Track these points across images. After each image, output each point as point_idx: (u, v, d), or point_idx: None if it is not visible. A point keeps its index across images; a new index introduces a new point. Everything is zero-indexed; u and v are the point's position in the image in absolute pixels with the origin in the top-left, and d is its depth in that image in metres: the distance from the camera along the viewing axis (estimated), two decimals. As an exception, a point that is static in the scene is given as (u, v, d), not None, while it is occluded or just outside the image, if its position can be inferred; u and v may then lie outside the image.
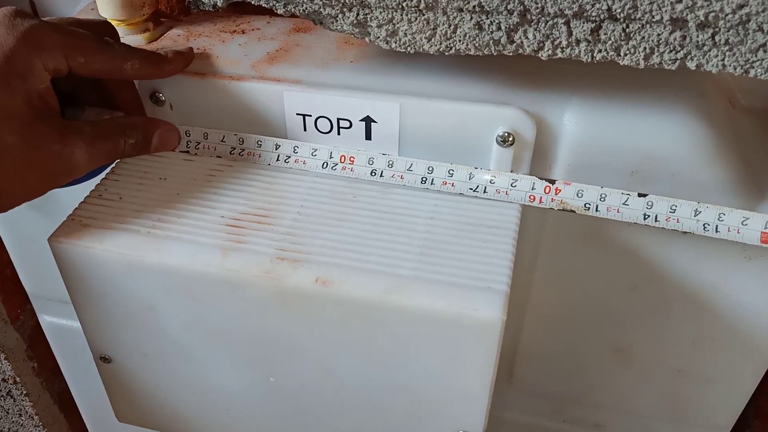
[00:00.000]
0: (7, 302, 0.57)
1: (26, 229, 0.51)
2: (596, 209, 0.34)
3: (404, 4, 0.29)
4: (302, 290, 0.31)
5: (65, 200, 0.40)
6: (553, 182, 0.34)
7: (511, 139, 0.34)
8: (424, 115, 0.35)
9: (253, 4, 0.32)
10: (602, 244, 0.39)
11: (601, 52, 0.29)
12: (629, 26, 0.28)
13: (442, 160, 0.36)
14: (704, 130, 0.33)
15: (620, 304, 0.41)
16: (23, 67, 0.31)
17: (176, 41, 0.41)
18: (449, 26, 0.30)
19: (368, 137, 0.37)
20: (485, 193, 0.35)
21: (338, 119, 0.37)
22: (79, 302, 0.36)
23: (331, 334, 0.32)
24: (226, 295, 0.33)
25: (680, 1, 0.26)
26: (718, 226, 0.32)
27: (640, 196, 0.33)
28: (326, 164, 0.37)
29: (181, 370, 0.37)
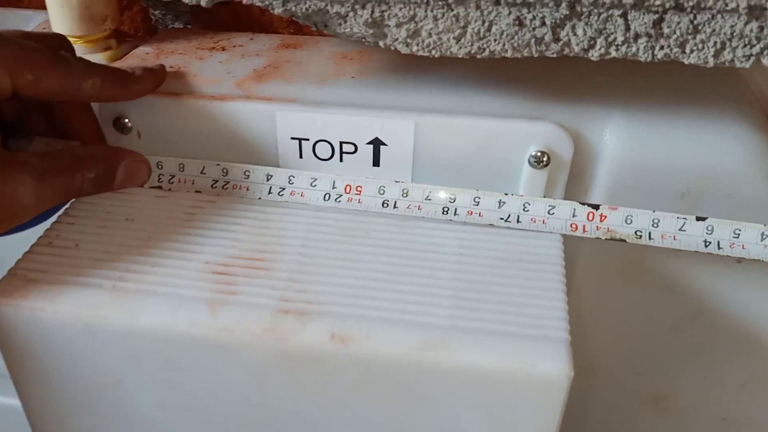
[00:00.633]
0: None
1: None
2: (649, 237, 0.29)
3: (429, -2, 0.25)
4: (314, 350, 0.25)
5: (3, 250, 0.32)
6: (597, 207, 0.30)
7: (546, 159, 0.30)
8: (442, 134, 0.30)
9: (243, 3, 0.26)
10: (643, 278, 0.34)
11: (663, 49, 0.25)
12: (697, 17, 0.24)
13: (463, 186, 0.31)
14: (763, 143, 0.29)
15: (660, 346, 0.37)
16: None
17: (145, 59, 0.35)
18: (483, 23, 0.25)
19: (376, 163, 0.32)
20: (519, 222, 0.30)
21: (341, 143, 0.32)
22: (21, 377, 0.28)
23: (349, 403, 0.26)
24: (215, 361, 0.26)
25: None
26: (790, 251, 0.28)
27: (698, 220, 0.29)
28: (328, 196, 0.32)
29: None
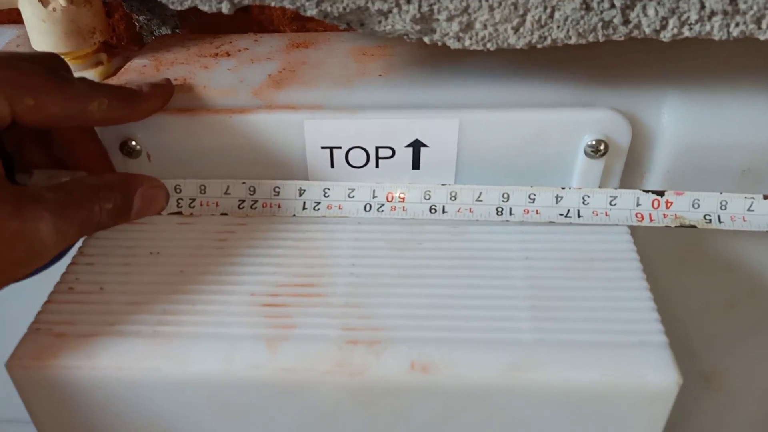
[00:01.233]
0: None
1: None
2: (719, 220, 0.28)
3: (485, -16, 0.22)
4: (394, 383, 0.22)
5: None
6: (661, 194, 0.28)
7: (603, 147, 0.28)
8: (489, 130, 0.28)
9: (273, 6, 0.23)
10: (699, 259, 0.33)
11: (739, 26, 0.23)
12: (777, -12, 0.22)
13: (512, 183, 0.29)
14: (824, 111, 0.28)
15: (715, 325, 0.36)
16: None
17: (143, 73, 0.32)
18: (545, 9, 0.23)
19: (416, 166, 0.29)
20: (580, 217, 0.28)
21: (377, 148, 0.29)
22: (56, 442, 0.25)
23: (433, 434, 0.24)
24: (279, 404, 0.23)
25: None
26: None
27: (765, 198, 0.28)
28: (369, 206, 0.29)
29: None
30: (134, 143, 0.29)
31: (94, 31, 0.32)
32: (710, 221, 0.28)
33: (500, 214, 0.28)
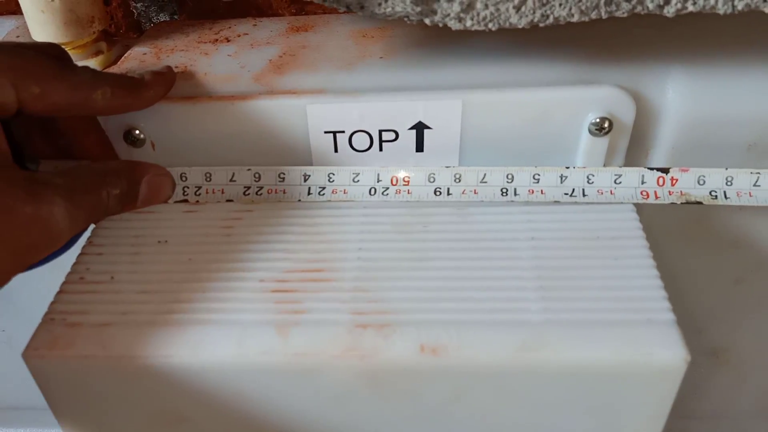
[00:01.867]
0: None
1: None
2: (725, 196, 0.28)
3: (487, -37, 0.22)
4: (404, 366, 0.23)
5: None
6: (666, 171, 0.28)
7: (607, 125, 0.28)
8: (493, 111, 0.28)
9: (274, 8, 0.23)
10: (706, 235, 0.33)
11: (744, -2, 0.22)
12: (783, -41, 0.21)
13: (516, 163, 0.29)
14: (831, 83, 0.28)
15: (722, 300, 0.36)
16: None
17: (144, 61, 0.32)
18: (548, -13, 0.22)
19: (419, 148, 0.29)
20: (585, 196, 0.28)
21: (380, 131, 0.29)
22: (73, 428, 0.26)
23: (443, 415, 0.24)
24: (291, 388, 0.24)
25: None
26: None
27: (771, 172, 0.28)
28: (374, 190, 0.29)
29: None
30: (138, 132, 0.29)
31: (92, 20, 0.32)
32: (716, 197, 0.28)
33: (505, 194, 0.28)
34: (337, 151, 0.30)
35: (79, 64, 0.31)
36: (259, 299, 0.25)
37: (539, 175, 0.28)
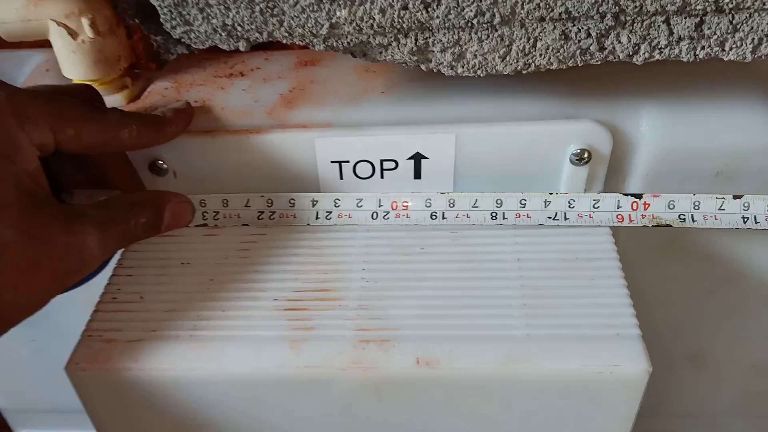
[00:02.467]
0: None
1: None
2: (692, 219, 0.30)
3: (474, 21, 0.25)
4: (401, 377, 0.26)
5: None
6: (639, 197, 0.31)
7: (587, 156, 0.30)
8: (483, 143, 0.31)
9: (285, 43, 0.26)
10: (681, 252, 0.35)
11: (704, 49, 0.25)
12: (736, 17, 0.24)
13: (505, 189, 0.32)
14: (789, 117, 0.31)
15: (697, 310, 0.39)
16: (8, 145, 0.24)
17: (165, 96, 0.35)
18: (528, 40, 0.25)
19: (417, 176, 0.32)
20: (566, 220, 0.31)
21: (381, 161, 0.32)
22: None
23: (436, 419, 0.27)
24: (302, 396, 0.27)
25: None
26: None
27: (735, 198, 0.30)
28: (376, 214, 0.32)
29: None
30: (162, 163, 0.32)
31: (119, 58, 0.35)
32: (684, 220, 0.30)
33: (494, 218, 0.31)
34: (342, 178, 0.33)
35: (106, 98, 0.34)
36: (273, 317, 0.28)
37: (525, 200, 0.31)
